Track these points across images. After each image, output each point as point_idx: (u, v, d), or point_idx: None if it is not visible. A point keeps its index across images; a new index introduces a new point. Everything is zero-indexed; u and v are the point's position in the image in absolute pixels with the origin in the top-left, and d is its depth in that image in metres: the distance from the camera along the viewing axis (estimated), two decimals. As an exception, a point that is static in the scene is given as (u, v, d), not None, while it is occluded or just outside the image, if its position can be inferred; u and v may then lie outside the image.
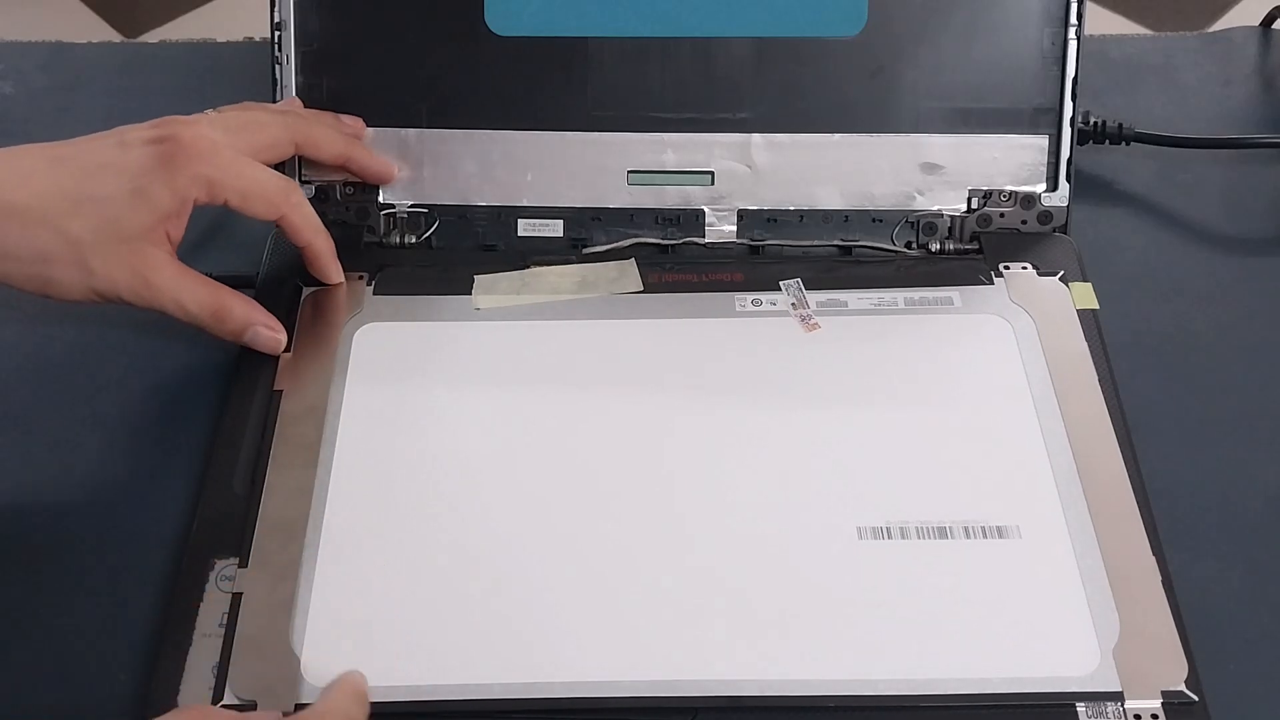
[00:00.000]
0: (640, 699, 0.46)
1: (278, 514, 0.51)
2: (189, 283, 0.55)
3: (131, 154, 0.54)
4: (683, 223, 0.64)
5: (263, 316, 0.57)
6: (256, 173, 0.56)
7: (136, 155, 0.54)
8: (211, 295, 0.56)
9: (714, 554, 0.50)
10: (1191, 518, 0.53)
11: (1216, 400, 0.58)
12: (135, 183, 0.53)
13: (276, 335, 0.57)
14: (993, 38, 0.63)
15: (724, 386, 0.56)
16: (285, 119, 0.60)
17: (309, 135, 0.60)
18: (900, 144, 0.63)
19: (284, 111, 0.61)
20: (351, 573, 0.50)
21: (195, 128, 0.55)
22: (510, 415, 0.55)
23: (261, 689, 0.46)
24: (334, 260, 0.60)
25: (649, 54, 0.63)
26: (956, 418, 0.55)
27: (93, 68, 0.77)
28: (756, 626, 0.48)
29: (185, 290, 0.55)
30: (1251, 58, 0.76)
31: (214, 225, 0.67)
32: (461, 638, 0.48)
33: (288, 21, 0.63)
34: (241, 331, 0.56)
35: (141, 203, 0.53)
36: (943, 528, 0.51)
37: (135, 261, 0.54)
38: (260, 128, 0.58)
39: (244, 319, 0.56)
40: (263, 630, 0.48)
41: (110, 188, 0.53)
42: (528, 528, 0.51)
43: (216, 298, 0.56)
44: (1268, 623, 0.51)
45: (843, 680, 0.46)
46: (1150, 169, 0.69)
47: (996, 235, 0.63)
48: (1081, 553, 0.50)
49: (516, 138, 0.64)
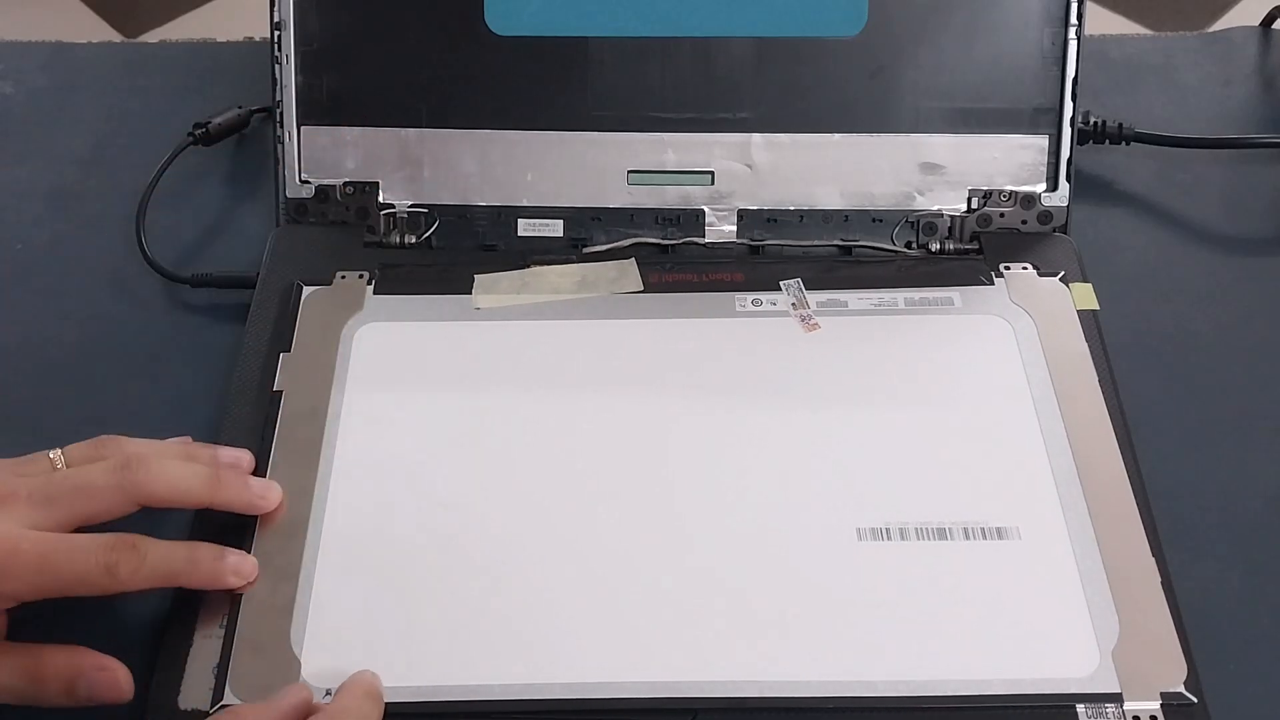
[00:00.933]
0: (640, 700, 0.46)
1: (278, 515, 0.51)
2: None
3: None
4: (683, 223, 0.64)
5: (91, 659, 0.46)
6: (64, 562, 0.46)
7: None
8: (23, 656, 0.46)
9: (714, 555, 0.50)
10: (1191, 518, 0.53)
11: (1216, 400, 0.58)
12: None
13: (114, 674, 0.46)
14: (993, 38, 0.63)
15: (724, 387, 0.56)
16: (120, 475, 0.48)
17: (147, 487, 0.48)
18: (900, 144, 0.63)
19: (122, 465, 0.48)
20: (352, 574, 0.50)
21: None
22: (510, 415, 0.55)
23: (262, 690, 0.46)
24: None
25: (649, 54, 0.63)
26: (957, 418, 0.55)
27: (93, 68, 0.77)
28: (756, 627, 0.48)
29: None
30: (1251, 58, 0.76)
31: (214, 225, 0.67)
32: (462, 639, 0.48)
33: (288, 21, 0.63)
34: (70, 684, 0.46)
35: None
36: (942, 529, 0.51)
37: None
38: (86, 492, 0.47)
39: (68, 667, 0.46)
40: (263, 631, 0.48)
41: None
42: (528, 528, 0.51)
43: (30, 657, 0.46)
44: (1268, 623, 0.51)
45: (842, 681, 0.46)
46: (1150, 169, 0.69)
47: (996, 235, 0.63)
48: (1081, 554, 0.50)
49: (516, 138, 0.64)
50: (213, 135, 0.69)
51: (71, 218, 0.68)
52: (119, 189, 0.68)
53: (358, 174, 0.64)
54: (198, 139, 0.69)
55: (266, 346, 0.58)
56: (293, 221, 0.64)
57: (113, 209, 0.68)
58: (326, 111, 0.64)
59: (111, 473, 0.48)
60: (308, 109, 0.64)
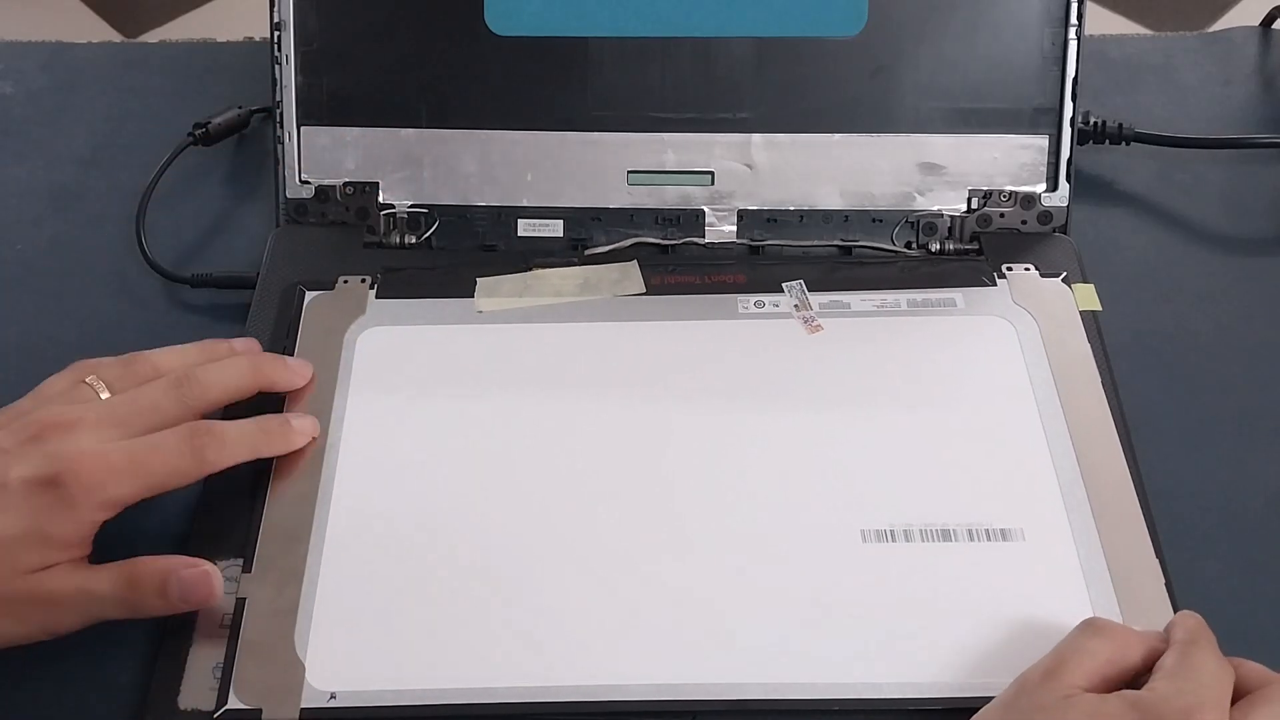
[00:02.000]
0: (642, 702, 0.46)
1: (281, 520, 0.51)
2: (95, 572, 0.48)
3: (15, 499, 0.47)
4: (683, 223, 0.64)
5: (179, 562, 0.48)
6: (155, 459, 0.49)
7: (23, 500, 0.47)
8: (119, 567, 0.48)
9: (717, 557, 0.50)
10: (1191, 518, 0.53)
11: (1216, 400, 0.58)
12: (31, 523, 0.47)
13: (203, 569, 0.48)
14: (993, 38, 0.63)
15: (727, 389, 0.56)
16: (179, 392, 0.51)
17: (205, 395, 0.52)
18: (900, 144, 0.63)
19: (176, 383, 0.52)
20: (356, 578, 0.50)
21: (79, 445, 0.48)
22: (513, 418, 0.55)
23: (266, 694, 0.46)
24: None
25: (649, 54, 0.63)
26: (960, 420, 0.55)
27: (93, 68, 0.77)
28: (758, 629, 0.48)
29: (91, 580, 0.48)
30: (1251, 58, 0.76)
31: (214, 225, 0.67)
32: (465, 641, 0.48)
33: (288, 21, 0.63)
34: (163, 584, 0.48)
35: (40, 545, 0.47)
36: (946, 530, 0.51)
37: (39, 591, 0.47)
38: (152, 411, 0.51)
39: (160, 569, 0.48)
40: (267, 636, 0.48)
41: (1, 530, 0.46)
42: (530, 531, 0.51)
43: (126, 566, 0.48)
44: (1267, 623, 0.51)
45: (845, 683, 0.46)
46: (1150, 169, 0.69)
47: (996, 235, 0.63)
48: (1085, 555, 0.50)
49: (516, 138, 0.64)
50: (213, 135, 0.69)
51: (71, 218, 0.68)
52: (119, 189, 0.68)
53: (358, 174, 0.64)
54: (198, 139, 0.69)
55: (267, 348, 0.58)
56: (293, 222, 0.64)
57: (113, 209, 0.68)
58: (326, 111, 0.64)
59: (170, 390, 0.51)
60: (308, 109, 0.64)
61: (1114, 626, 0.45)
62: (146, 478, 0.49)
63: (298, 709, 0.46)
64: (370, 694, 0.46)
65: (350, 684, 0.47)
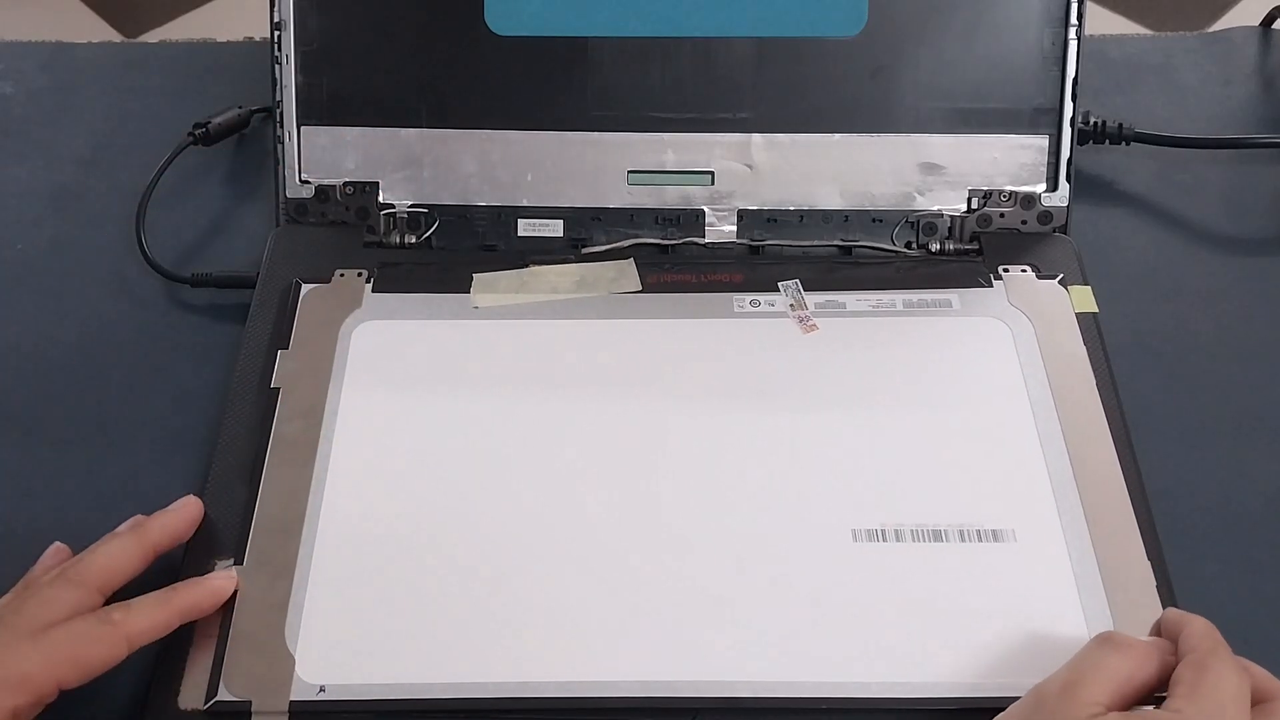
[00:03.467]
0: (639, 699, 0.46)
1: (274, 513, 0.51)
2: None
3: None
4: (682, 223, 0.64)
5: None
6: (73, 642, 0.46)
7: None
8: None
9: (711, 555, 0.50)
10: (1191, 518, 0.53)
11: (1216, 400, 0.58)
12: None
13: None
14: (993, 38, 0.63)
15: (721, 387, 0.56)
16: (80, 590, 0.48)
17: (108, 579, 0.48)
18: (900, 144, 0.63)
19: (76, 581, 0.48)
20: (347, 572, 0.50)
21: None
22: (507, 414, 0.55)
23: (256, 687, 0.46)
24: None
25: (649, 54, 0.63)
26: (953, 421, 0.55)
27: (93, 68, 0.77)
28: (755, 628, 0.48)
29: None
30: (1251, 58, 0.76)
31: (214, 225, 0.67)
32: (459, 637, 0.48)
33: (288, 21, 0.63)
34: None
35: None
36: (938, 530, 0.51)
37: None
38: (51, 604, 0.47)
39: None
40: (258, 628, 0.48)
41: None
42: (525, 527, 0.51)
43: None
44: (1267, 623, 0.51)
45: (839, 682, 0.46)
46: (1150, 169, 0.69)
47: (996, 235, 0.63)
48: (1076, 557, 0.50)
49: (516, 138, 0.64)
50: (213, 135, 0.69)
51: (71, 218, 0.68)
52: (119, 189, 0.68)
53: (358, 174, 0.64)
54: (198, 139, 0.69)
55: (266, 345, 0.58)
56: (293, 221, 0.64)
57: (113, 209, 0.68)
58: (326, 111, 0.64)
59: (73, 585, 0.47)
60: (308, 109, 0.64)
61: (1129, 641, 0.44)
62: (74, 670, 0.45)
63: (287, 701, 0.46)
64: (360, 687, 0.46)
65: (340, 677, 0.47)
